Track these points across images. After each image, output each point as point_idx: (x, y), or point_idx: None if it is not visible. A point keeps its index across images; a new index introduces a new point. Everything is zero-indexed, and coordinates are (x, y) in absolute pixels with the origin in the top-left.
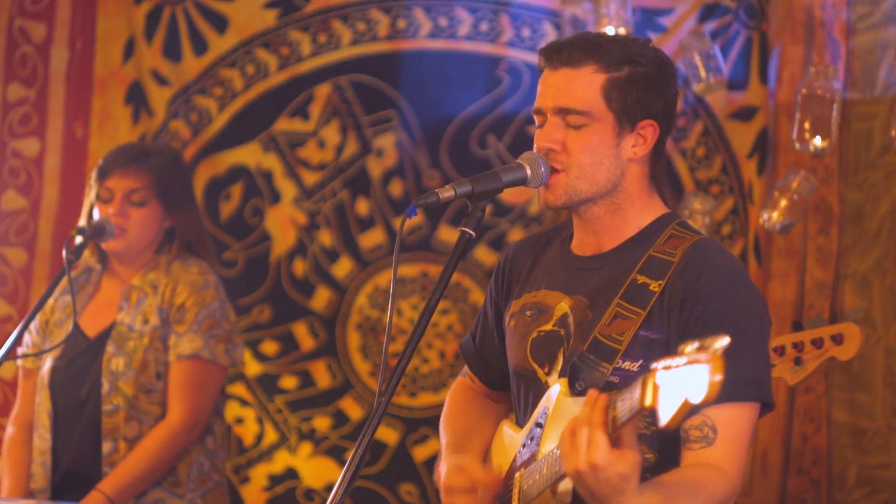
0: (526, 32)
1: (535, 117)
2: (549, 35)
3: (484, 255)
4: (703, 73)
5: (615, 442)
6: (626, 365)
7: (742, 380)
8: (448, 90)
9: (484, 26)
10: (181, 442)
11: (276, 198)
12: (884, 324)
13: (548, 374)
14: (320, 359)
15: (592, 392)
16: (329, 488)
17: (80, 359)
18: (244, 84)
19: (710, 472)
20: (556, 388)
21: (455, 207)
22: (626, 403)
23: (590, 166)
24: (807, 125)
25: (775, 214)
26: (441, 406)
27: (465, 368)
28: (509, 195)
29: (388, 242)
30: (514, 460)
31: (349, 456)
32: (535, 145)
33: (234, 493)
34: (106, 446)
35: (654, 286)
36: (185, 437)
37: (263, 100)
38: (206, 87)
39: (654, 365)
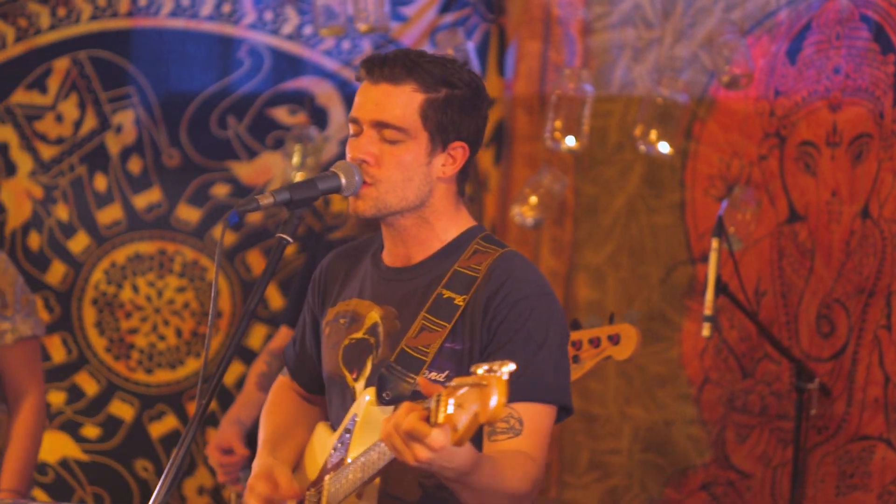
0: (269, 16)
1: (350, 126)
2: (293, 20)
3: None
4: None
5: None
6: (433, 375)
7: (543, 384)
8: (188, 69)
9: (226, 7)
10: (45, 414)
11: (11, 170)
12: (617, 315)
13: (356, 380)
14: (55, 333)
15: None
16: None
17: None
18: None
19: (523, 456)
20: (366, 397)
21: (195, 186)
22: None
23: (400, 182)
24: (558, 124)
25: (526, 209)
26: (177, 382)
27: (286, 369)
28: (249, 176)
29: (126, 219)
30: (325, 463)
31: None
32: (348, 154)
33: None
34: None
35: (459, 300)
36: (45, 409)
37: (0, 71)
38: None
39: (447, 384)
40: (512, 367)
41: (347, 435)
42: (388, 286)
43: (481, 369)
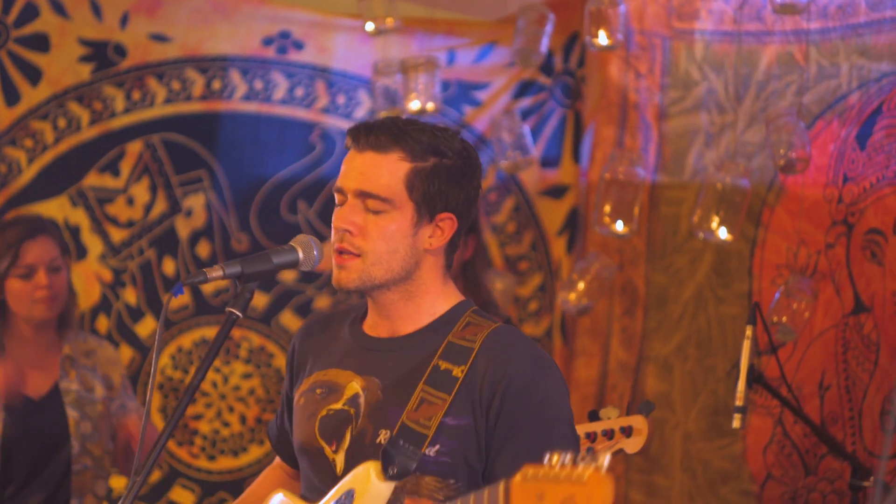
0: (341, 100)
1: (335, 195)
2: (365, 103)
3: (289, 320)
4: (510, 152)
5: None
6: (432, 451)
7: None
8: (261, 153)
9: (300, 91)
10: None
11: (82, 253)
12: (683, 408)
13: (335, 451)
14: None
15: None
16: None
17: (32, 420)
18: (55, 137)
19: None
20: (366, 469)
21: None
22: None
23: (385, 253)
24: (607, 209)
25: (572, 296)
26: (239, 469)
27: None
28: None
29: (194, 303)
30: None
31: None
32: (333, 224)
33: None
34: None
35: (457, 371)
36: None
37: (74, 154)
38: (17, 138)
39: (521, 472)
40: (608, 459)
41: None
42: (371, 357)
43: (561, 459)
